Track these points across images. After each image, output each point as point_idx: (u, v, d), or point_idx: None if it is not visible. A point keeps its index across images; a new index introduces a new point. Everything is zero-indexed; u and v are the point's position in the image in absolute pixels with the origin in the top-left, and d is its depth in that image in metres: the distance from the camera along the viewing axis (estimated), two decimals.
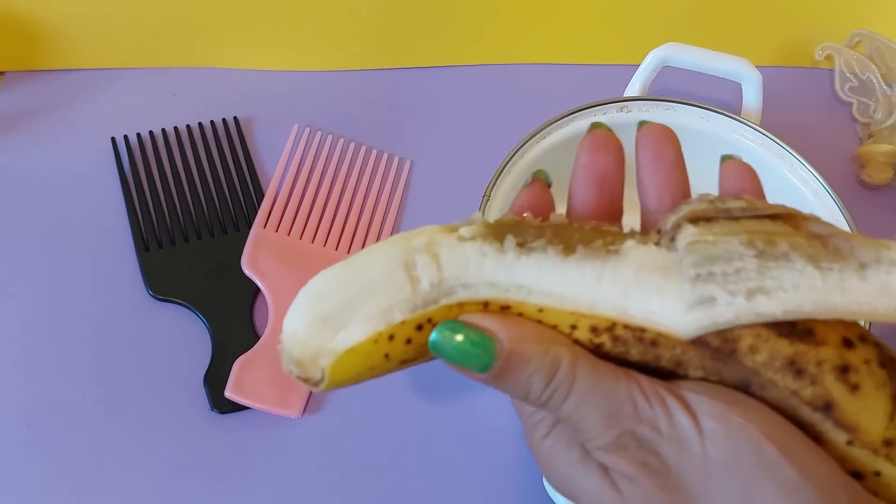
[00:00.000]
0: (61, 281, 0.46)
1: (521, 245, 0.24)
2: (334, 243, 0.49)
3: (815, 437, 0.23)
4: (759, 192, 0.26)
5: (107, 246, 0.48)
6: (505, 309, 0.24)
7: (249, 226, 0.49)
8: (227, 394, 0.43)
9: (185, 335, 0.45)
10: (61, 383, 0.44)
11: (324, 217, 0.49)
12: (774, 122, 0.46)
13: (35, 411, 0.43)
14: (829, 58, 0.58)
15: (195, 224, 0.48)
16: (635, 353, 0.24)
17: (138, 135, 0.51)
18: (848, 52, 0.58)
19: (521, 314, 0.24)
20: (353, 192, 0.51)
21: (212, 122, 0.52)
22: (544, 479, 0.37)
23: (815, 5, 0.60)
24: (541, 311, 0.24)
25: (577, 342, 0.24)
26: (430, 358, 0.24)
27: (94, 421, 0.43)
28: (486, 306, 0.24)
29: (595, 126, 0.27)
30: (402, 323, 0.23)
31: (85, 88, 0.53)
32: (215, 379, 0.44)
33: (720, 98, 0.49)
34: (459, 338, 0.23)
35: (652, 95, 0.46)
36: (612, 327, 0.24)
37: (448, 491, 0.42)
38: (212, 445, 0.43)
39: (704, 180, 0.47)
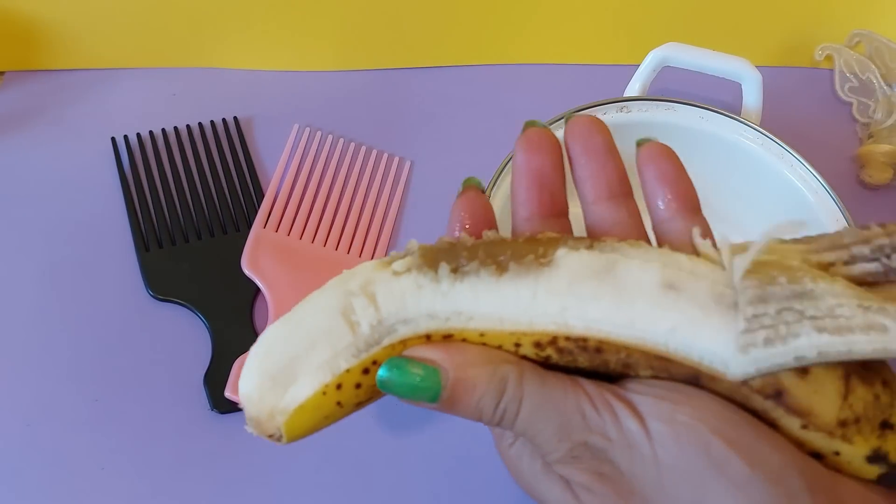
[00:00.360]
0: (61, 281, 0.46)
1: (454, 271, 0.24)
2: (334, 243, 0.49)
3: (770, 423, 0.23)
4: (680, 174, 0.26)
5: (107, 246, 0.48)
6: (448, 338, 0.24)
7: (249, 226, 0.49)
8: (227, 394, 0.43)
9: (185, 335, 0.45)
10: (61, 383, 0.44)
11: (324, 217, 0.49)
12: (774, 122, 0.46)
13: (35, 411, 0.43)
14: (828, 58, 0.58)
15: (195, 224, 0.48)
16: (583, 360, 0.24)
17: (138, 135, 0.51)
18: (848, 52, 0.58)
19: (464, 340, 0.24)
20: (353, 192, 0.51)
21: (212, 122, 0.52)
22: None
23: (815, 5, 0.60)
24: (482, 335, 0.24)
25: (524, 358, 0.24)
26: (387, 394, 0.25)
27: (93, 421, 0.43)
28: (428, 338, 0.24)
29: (528, 124, 0.27)
30: (348, 371, 0.23)
31: (85, 88, 0.53)
32: (215, 379, 0.44)
33: (720, 98, 0.49)
34: (405, 373, 0.23)
35: (652, 95, 0.46)
36: (554, 340, 0.23)
37: (448, 491, 0.42)
38: (212, 445, 0.43)
39: (704, 180, 0.47)
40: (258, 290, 0.47)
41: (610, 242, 0.24)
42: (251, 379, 0.24)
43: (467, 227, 0.26)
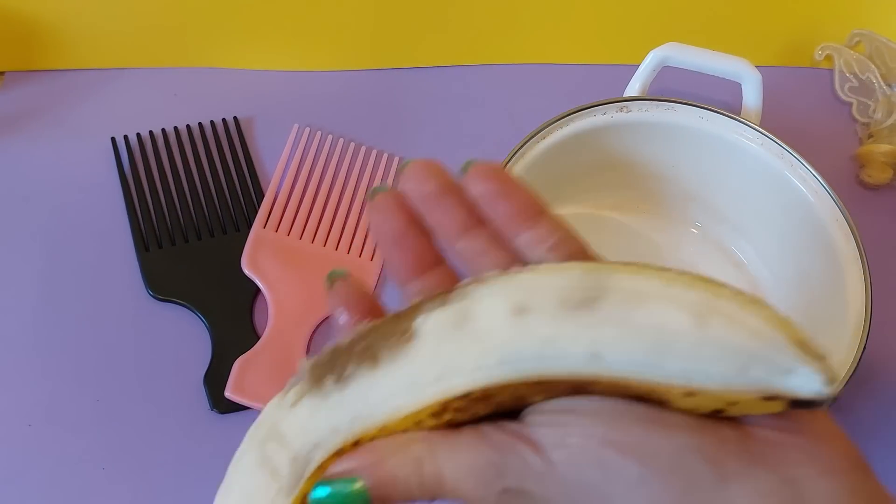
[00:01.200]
0: (61, 281, 0.46)
1: (338, 380, 0.24)
2: (334, 243, 0.49)
3: (661, 404, 0.23)
4: (507, 188, 0.26)
5: (107, 246, 0.48)
6: (356, 444, 0.24)
7: (249, 226, 0.49)
8: (227, 394, 0.43)
9: (185, 335, 0.45)
10: (61, 383, 0.44)
11: (324, 217, 0.49)
12: (774, 122, 0.46)
13: (35, 411, 0.43)
14: (828, 58, 0.58)
15: (195, 224, 0.48)
16: (481, 409, 0.24)
17: (138, 135, 0.51)
18: (848, 52, 0.58)
19: (372, 439, 0.24)
20: (354, 192, 0.51)
21: (212, 122, 0.52)
22: None
23: (815, 5, 0.60)
24: (384, 429, 0.24)
25: (432, 429, 0.24)
26: None
27: (94, 421, 0.43)
28: (340, 453, 0.24)
29: (373, 192, 0.26)
30: None
31: (85, 88, 0.53)
32: (215, 379, 0.44)
33: (720, 98, 0.49)
34: (331, 493, 0.24)
35: (652, 95, 0.46)
36: (445, 407, 0.24)
37: None
38: (212, 445, 0.43)
39: (704, 180, 0.47)
40: (258, 290, 0.47)
41: (460, 289, 0.24)
42: None
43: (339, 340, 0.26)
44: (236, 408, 0.43)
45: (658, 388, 0.22)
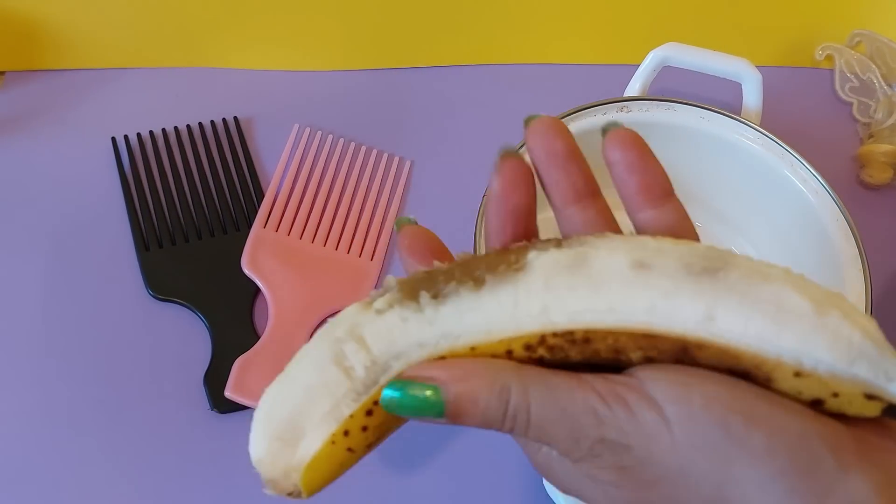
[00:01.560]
0: (61, 281, 0.46)
1: (435, 297, 0.24)
2: (334, 243, 0.49)
3: (765, 382, 0.23)
4: (646, 161, 0.26)
5: (107, 246, 0.48)
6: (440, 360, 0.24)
7: (249, 226, 0.49)
8: (227, 394, 0.43)
9: (185, 335, 0.45)
10: (61, 383, 0.44)
11: (324, 217, 0.49)
12: (774, 122, 0.46)
13: (36, 411, 0.43)
14: (829, 58, 0.58)
15: (195, 224, 0.48)
16: (574, 354, 0.24)
17: (138, 135, 0.51)
18: (848, 52, 0.58)
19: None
20: (353, 192, 0.51)
21: (212, 122, 0.52)
22: (544, 479, 0.37)
23: (816, 5, 0.60)
24: (473, 349, 0.24)
25: (521, 362, 0.24)
26: (396, 428, 0.25)
27: (94, 421, 0.43)
28: None
29: (505, 155, 0.27)
30: (352, 416, 0.24)
31: (85, 88, 0.53)
32: (215, 379, 0.44)
33: (720, 98, 0.49)
34: (407, 393, 0.23)
35: (652, 95, 0.46)
36: (542, 340, 0.24)
37: (448, 490, 0.42)
38: (212, 445, 0.43)
39: (705, 180, 0.47)
40: (258, 290, 0.47)
41: (577, 238, 0.25)
42: (260, 444, 0.24)
43: (435, 263, 0.26)
44: (236, 408, 0.43)
45: (767, 364, 0.23)
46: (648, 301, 0.23)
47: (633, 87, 0.48)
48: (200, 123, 0.52)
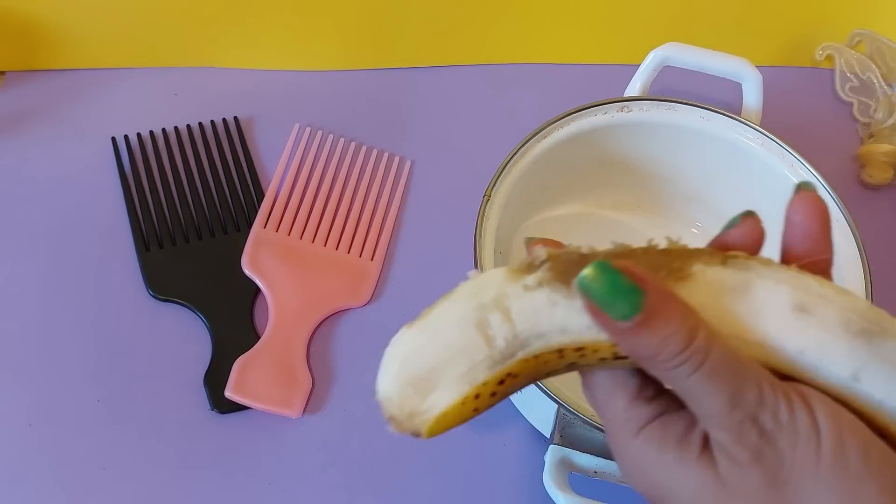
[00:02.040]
0: (62, 281, 0.46)
1: None
2: (334, 243, 0.49)
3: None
4: (823, 235, 0.27)
5: (107, 246, 0.48)
6: (579, 350, 0.24)
7: (250, 226, 0.49)
8: (227, 394, 0.43)
9: (185, 335, 0.45)
10: (62, 383, 0.44)
11: (324, 217, 0.49)
12: (775, 122, 0.46)
13: (36, 412, 0.43)
14: (829, 58, 0.58)
15: (195, 224, 0.48)
16: None
17: (138, 135, 0.51)
18: (848, 52, 0.58)
19: (595, 351, 0.24)
20: (354, 192, 0.51)
21: (212, 122, 0.52)
22: (544, 477, 0.37)
23: (816, 5, 0.60)
24: (613, 346, 0.24)
25: None
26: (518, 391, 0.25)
27: (94, 421, 0.43)
28: (560, 352, 0.24)
29: (803, 187, 0.28)
30: (484, 383, 0.24)
31: (85, 88, 0.53)
32: (215, 379, 0.44)
33: (720, 98, 0.49)
34: (613, 277, 0.23)
35: (652, 95, 0.46)
36: None
37: (448, 490, 0.42)
38: (212, 445, 0.43)
39: (705, 180, 0.47)
40: (258, 290, 0.47)
41: (742, 260, 0.25)
42: (391, 385, 0.25)
43: (589, 248, 0.25)
44: (236, 408, 0.43)
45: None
46: (801, 347, 0.24)
47: (634, 87, 0.48)
48: (200, 123, 0.52)
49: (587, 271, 0.23)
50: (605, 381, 0.26)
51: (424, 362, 0.25)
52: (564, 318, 0.24)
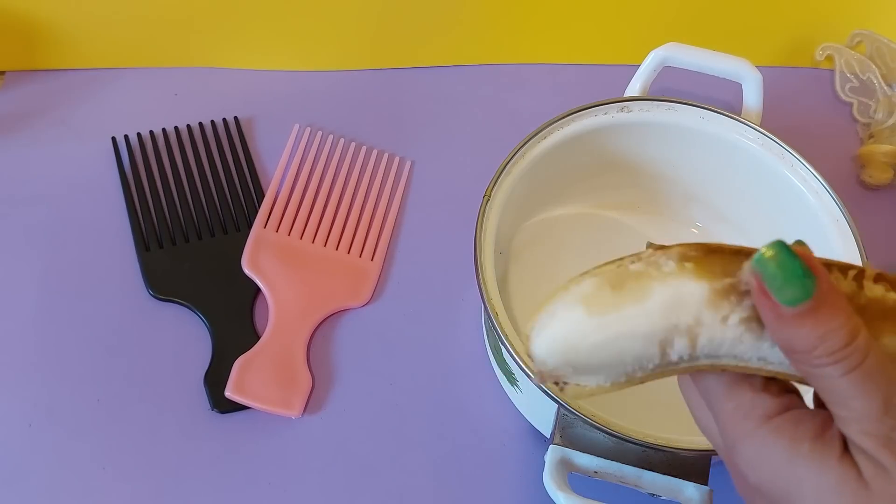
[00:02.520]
0: (61, 281, 0.46)
1: None
2: (334, 243, 0.49)
3: None
4: None
5: (107, 246, 0.48)
6: (771, 380, 0.25)
7: (250, 226, 0.49)
8: (228, 394, 0.43)
9: (185, 335, 0.45)
10: (62, 383, 0.44)
11: (324, 217, 0.49)
12: (775, 122, 0.46)
13: (36, 411, 0.43)
14: (829, 58, 0.58)
15: (196, 224, 0.48)
16: None
17: (138, 135, 0.51)
18: (848, 53, 0.58)
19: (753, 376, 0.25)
20: (354, 192, 0.51)
21: (212, 122, 0.52)
22: (544, 477, 0.37)
23: (816, 5, 0.60)
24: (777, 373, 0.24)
25: None
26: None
27: (94, 421, 0.43)
28: (723, 370, 0.25)
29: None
30: (641, 379, 0.25)
31: (85, 88, 0.53)
32: (215, 379, 0.44)
33: (720, 98, 0.49)
34: (793, 260, 0.23)
35: (652, 95, 0.46)
36: None
37: (448, 491, 0.42)
38: (212, 445, 0.43)
39: (705, 180, 0.47)
40: (258, 290, 0.47)
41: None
42: (550, 355, 0.25)
43: None
44: (236, 408, 0.43)
45: None
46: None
47: (634, 87, 0.48)
48: (200, 123, 0.52)
49: (766, 250, 0.23)
50: (726, 374, 0.25)
51: (594, 358, 0.24)
52: (743, 351, 0.24)
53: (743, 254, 0.24)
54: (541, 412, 0.41)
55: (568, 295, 0.25)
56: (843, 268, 0.24)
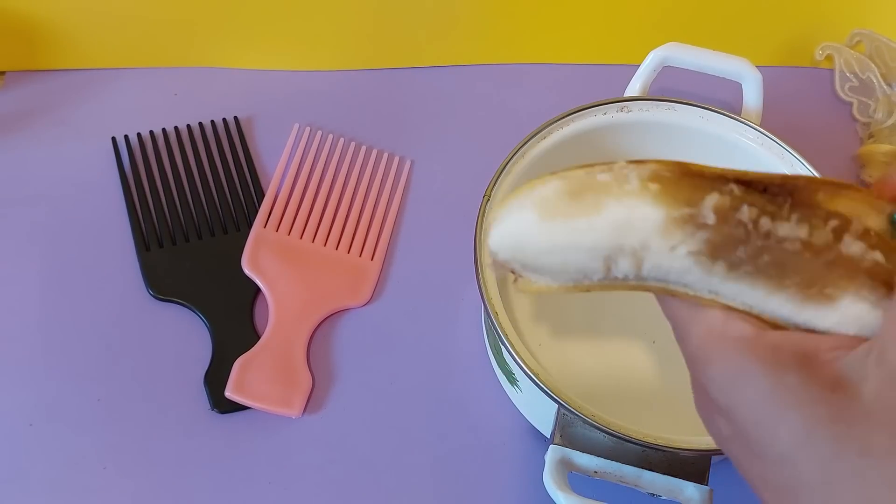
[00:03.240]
0: (62, 281, 0.46)
1: (730, 268, 0.23)
2: (334, 243, 0.49)
3: None
4: None
5: (107, 246, 0.48)
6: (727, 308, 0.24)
7: (250, 225, 0.49)
8: (228, 394, 0.43)
9: (185, 335, 0.45)
10: (62, 383, 0.44)
11: (324, 217, 0.49)
12: (774, 122, 0.46)
13: (36, 411, 0.43)
14: (829, 57, 0.58)
15: (196, 224, 0.48)
16: None
17: (138, 135, 0.51)
18: (848, 52, 0.58)
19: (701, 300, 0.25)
20: (354, 192, 0.51)
21: (212, 122, 0.52)
22: (545, 477, 0.37)
23: (815, 5, 0.60)
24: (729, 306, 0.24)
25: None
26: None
27: (95, 421, 0.43)
28: (674, 295, 0.25)
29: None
30: (587, 287, 0.25)
31: (85, 88, 0.53)
32: (215, 379, 0.44)
33: (720, 98, 0.49)
34: None
35: (652, 95, 0.46)
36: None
37: (448, 491, 0.42)
38: (212, 445, 0.43)
39: None
40: (258, 289, 0.47)
41: None
42: (502, 249, 0.25)
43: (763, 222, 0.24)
44: (236, 408, 0.43)
45: None
46: None
47: (634, 87, 0.48)
48: (200, 123, 0.52)
49: None
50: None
51: (540, 261, 0.25)
52: (691, 280, 0.24)
53: (724, 180, 0.24)
54: (541, 412, 0.41)
55: (529, 195, 0.25)
56: (827, 216, 0.23)
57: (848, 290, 0.23)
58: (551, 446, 0.37)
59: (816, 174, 0.43)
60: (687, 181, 0.23)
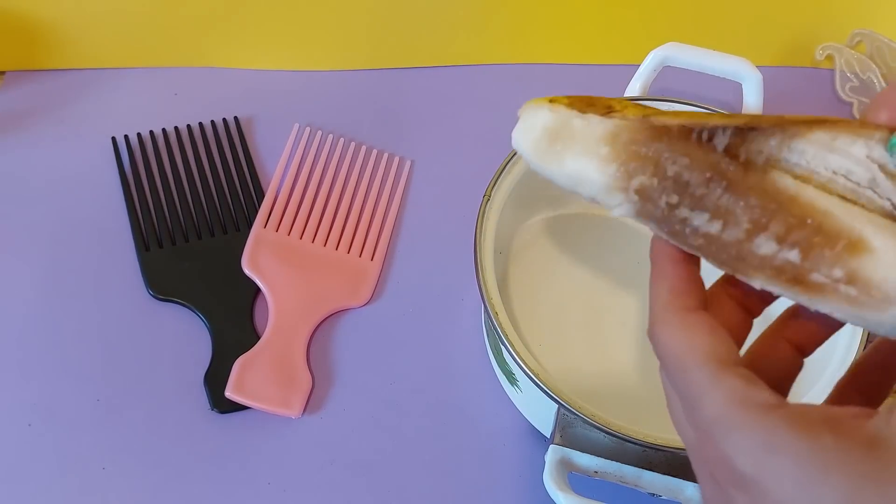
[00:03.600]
0: (62, 281, 0.46)
1: (693, 208, 0.24)
2: (334, 243, 0.49)
3: None
4: None
5: (107, 246, 0.48)
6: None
7: (250, 225, 0.49)
8: (228, 394, 0.43)
9: (185, 335, 0.45)
10: (62, 383, 0.44)
11: (324, 217, 0.49)
12: None
13: (36, 411, 0.43)
14: (829, 57, 0.58)
15: (195, 224, 0.48)
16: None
17: (139, 134, 0.51)
18: (848, 52, 0.58)
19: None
20: (353, 192, 0.51)
21: (212, 122, 0.52)
22: (545, 477, 0.37)
23: (816, 5, 0.60)
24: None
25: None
26: None
27: (94, 421, 0.43)
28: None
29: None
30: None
31: (85, 88, 0.53)
32: (215, 379, 0.44)
33: (720, 98, 0.49)
34: None
35: (652, 95, 0.46)
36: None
37: (448, 491, 0.42)
38: (212, 445, 0.43)
39: None
40: (258, 290, 0.47)
41: None
42: (528, 151, 0.28)
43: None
44: (236, 408, 0.43)
45: None
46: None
47: (634, 87, 0.48)
48: (200, 123, 0.52)
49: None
50: (704, 364, 0.24)
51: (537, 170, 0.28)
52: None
53: (687, 133, 0.24)
54: (541, 412, 0.41)
55: (533, 115, 0.29)
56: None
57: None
58: (551, 446, 0.37)
59: None
60: (633, 150, 0.25)
